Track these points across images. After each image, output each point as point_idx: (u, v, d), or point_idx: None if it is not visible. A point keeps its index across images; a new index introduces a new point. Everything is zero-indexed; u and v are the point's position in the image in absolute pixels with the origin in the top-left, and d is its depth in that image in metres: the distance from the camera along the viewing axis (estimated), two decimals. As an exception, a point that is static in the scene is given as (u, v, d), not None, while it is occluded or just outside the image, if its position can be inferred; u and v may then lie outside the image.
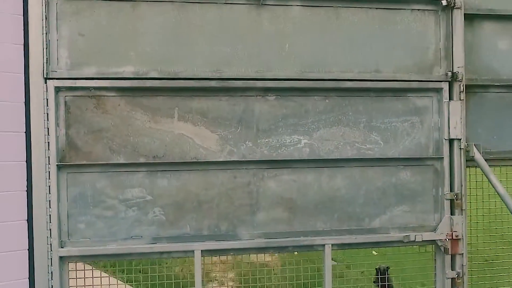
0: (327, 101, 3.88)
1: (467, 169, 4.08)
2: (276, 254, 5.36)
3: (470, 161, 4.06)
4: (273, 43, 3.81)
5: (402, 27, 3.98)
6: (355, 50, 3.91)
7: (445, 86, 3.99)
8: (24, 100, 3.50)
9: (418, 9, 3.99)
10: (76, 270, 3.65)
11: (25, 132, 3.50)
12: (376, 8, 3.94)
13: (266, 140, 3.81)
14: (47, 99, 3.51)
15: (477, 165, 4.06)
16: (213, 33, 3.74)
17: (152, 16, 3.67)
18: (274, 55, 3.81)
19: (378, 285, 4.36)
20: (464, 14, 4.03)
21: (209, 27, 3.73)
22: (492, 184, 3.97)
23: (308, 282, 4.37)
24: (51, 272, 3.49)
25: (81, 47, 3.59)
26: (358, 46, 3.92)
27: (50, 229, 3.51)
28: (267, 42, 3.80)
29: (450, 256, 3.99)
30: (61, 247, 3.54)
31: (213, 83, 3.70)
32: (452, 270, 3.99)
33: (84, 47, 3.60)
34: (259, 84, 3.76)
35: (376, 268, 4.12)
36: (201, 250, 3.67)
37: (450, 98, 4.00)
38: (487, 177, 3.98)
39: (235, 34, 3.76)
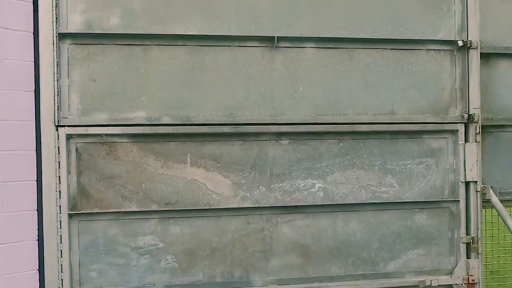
0: (341, 144, 3.83)
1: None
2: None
3: (486, 202, 4.00)
4: (286, 86, 3.75)
5: (417, 68, 3.92)
6: (369, 92, 3.86)
7: (461, 128, 3.94)
8: (35, 148, 3.45)
9: (434, 49, 3.93)
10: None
11: (36, 181, 3.46)
12: (391, 49, 3.88)
13: (280, 184, 3.75)
14: (58, 147, 3.46)
15: (493, 207, 3.99)
16: (226, 76, 3.68)
17: (164, 60, 3.61)
18: (287, 98, 3.75)
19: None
20: (480, 53, 3.97)
21: (222, 70, 3.68)
22: (509, 229, 3.91)
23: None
24: (63, 323, 3.45)
25: (92, 92, 3.54)
26: (373, 87, 3.86)
27: (61, 279, 3.45)
28: (280, 84, 3.74)
29: (466, 300, 3.94)
30: (73, 297, 3.50)
31: (226, 129, 3.64)
32: (468, 314, 3.95)
33: (95, 92, 3.54)
34: (273, 129, 3.71)
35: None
36: (214, 298, 3.62)
37: (466, 140, 3.94)
38: (504, 222, 3.91)
39: (248, 77, 3.71)
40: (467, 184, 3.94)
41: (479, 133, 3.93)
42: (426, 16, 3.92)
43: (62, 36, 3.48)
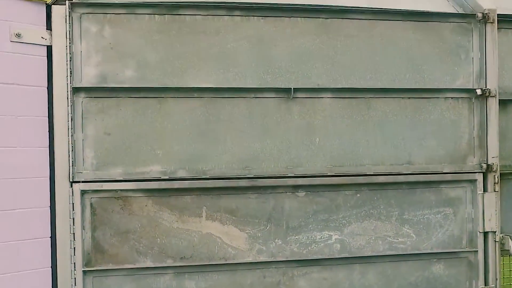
0: (358, 195, 3.77)
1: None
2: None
3: (504, 251, 3.95)
4: (303, 137, 3.70)
5: (435, 116, 3.86)
6: (387, 142, 3.80)
7: (479, 177, 3.88)
8: (49, 205, 3.41)
9: (452, 98, 3.87)
10: None
11: (50, 237, 3.42)
12: (409, 98, 3.83)
13: (296, 237, 3.70)
14: (73, 203, 3.41)
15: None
16: (242, 129, 3.63)
17: (180, 112, 3.57)
18: (304, 150, 3.70)
19: None
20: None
21: (237, 123, 3.63)
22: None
23: None
24: None
25: (107, 147, 3.49)
26: (390, 137, 3.80)
27: (76, 337, 3.42)
28: (297, 136, 3.69)
29: None
30: None
31: (242, 183, 3.59)
32: None
33: (110, 147, 3.50)
34: (289, 181, 3.65)
35: None
36: None
37: (484, 189, 3.88)
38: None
39: (264, 129, 3.66)
40: (485, 234, 3.89)
41: (497, 182, 3.87)
42: (444, 63, 3.86)
43: (76, 90, 3.44)
